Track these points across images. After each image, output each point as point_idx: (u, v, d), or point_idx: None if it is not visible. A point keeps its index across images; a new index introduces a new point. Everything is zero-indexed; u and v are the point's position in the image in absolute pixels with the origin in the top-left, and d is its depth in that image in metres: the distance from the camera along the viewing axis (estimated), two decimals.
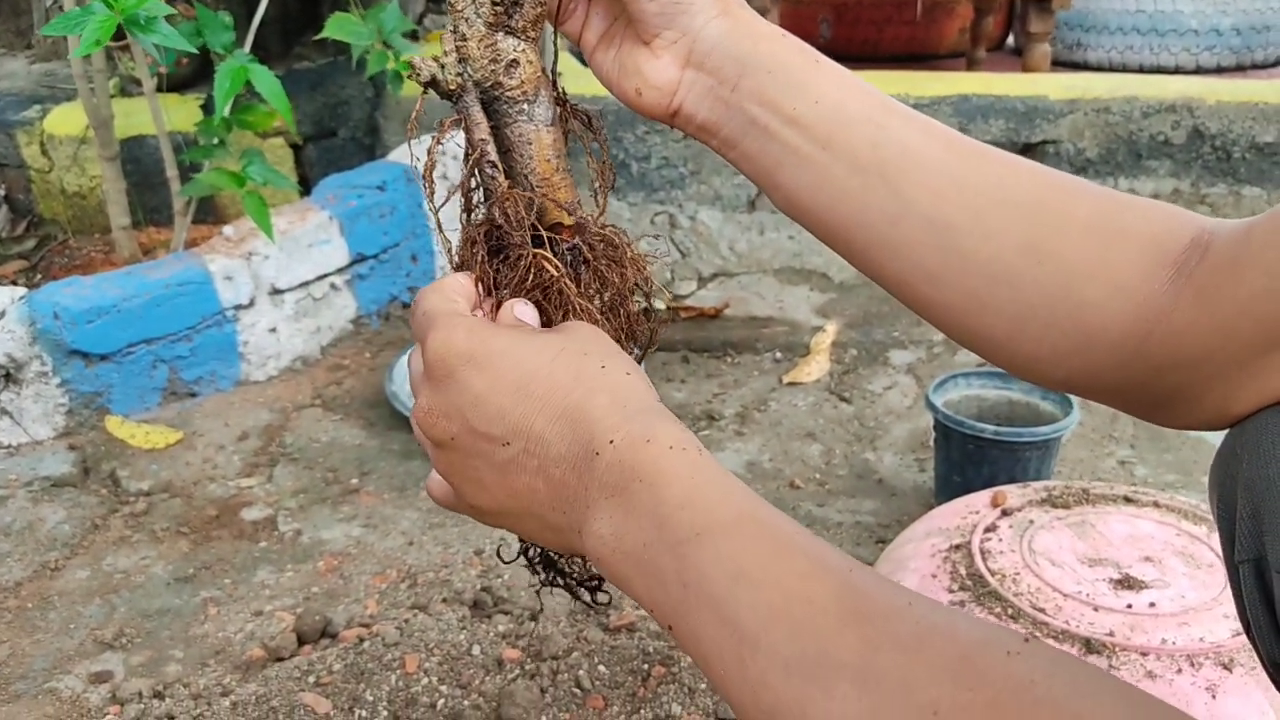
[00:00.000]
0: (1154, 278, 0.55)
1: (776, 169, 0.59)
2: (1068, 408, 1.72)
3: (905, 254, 0.58)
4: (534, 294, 0.61)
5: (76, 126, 2.67)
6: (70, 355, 1.93)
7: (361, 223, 2.30)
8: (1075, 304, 0.56)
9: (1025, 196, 0.57)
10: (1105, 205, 0.58)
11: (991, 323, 0.58)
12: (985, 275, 0.57)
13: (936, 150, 0.58)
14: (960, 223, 0.57)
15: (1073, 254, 0.56)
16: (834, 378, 2.23)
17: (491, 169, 0.61)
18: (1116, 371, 0.58)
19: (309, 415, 2.08)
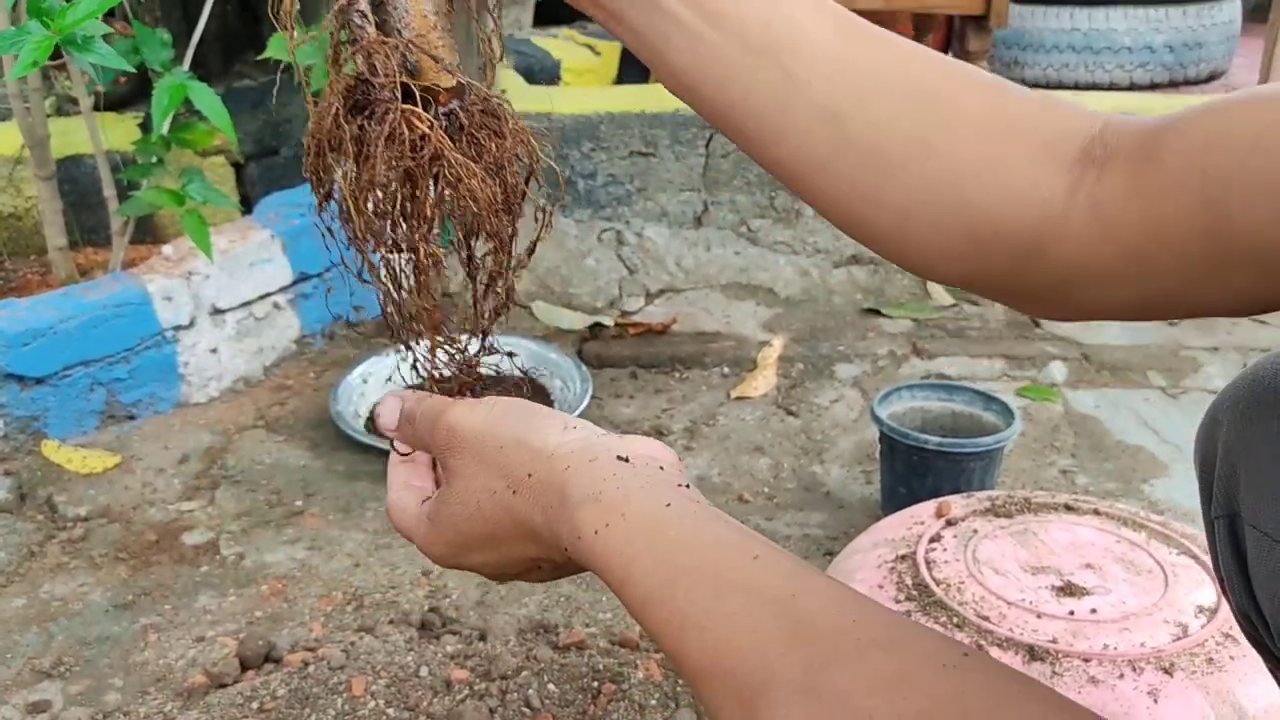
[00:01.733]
0: (1046, 184, 0.54)
1: (664, 45, 0.56)
2: (1009, 418, 1.74)
3: (793, 140, 0.56)
4: (401, 157, 0.57)
5: (11, 146, 2.62)
6: (5, 379, 1.89)
7: (304, 241, 2.28)
8: (963, 205, 0.55)
9: (916, 85, 0.55)
10: (998, 101, 0.56)
11: (879, 216, 0.57)
12: (872, 166, 0.55)
13: (828, 32, 0.55)
14: (848, 109, 0.55)
15: (960, 152, 0.55)
16: (781, 392, 2.24)
17: (360, 18, 0.57)
18: (1006, 275, 0.57)
19: (251, 437, 2.06)
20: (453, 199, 0.60)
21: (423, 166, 0.58)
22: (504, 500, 0.57)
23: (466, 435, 0.60)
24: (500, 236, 0.62)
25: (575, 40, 3.61)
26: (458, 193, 0.59)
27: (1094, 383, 2.28)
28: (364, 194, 0.59)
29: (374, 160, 0.57)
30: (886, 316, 2.56)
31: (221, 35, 2.77)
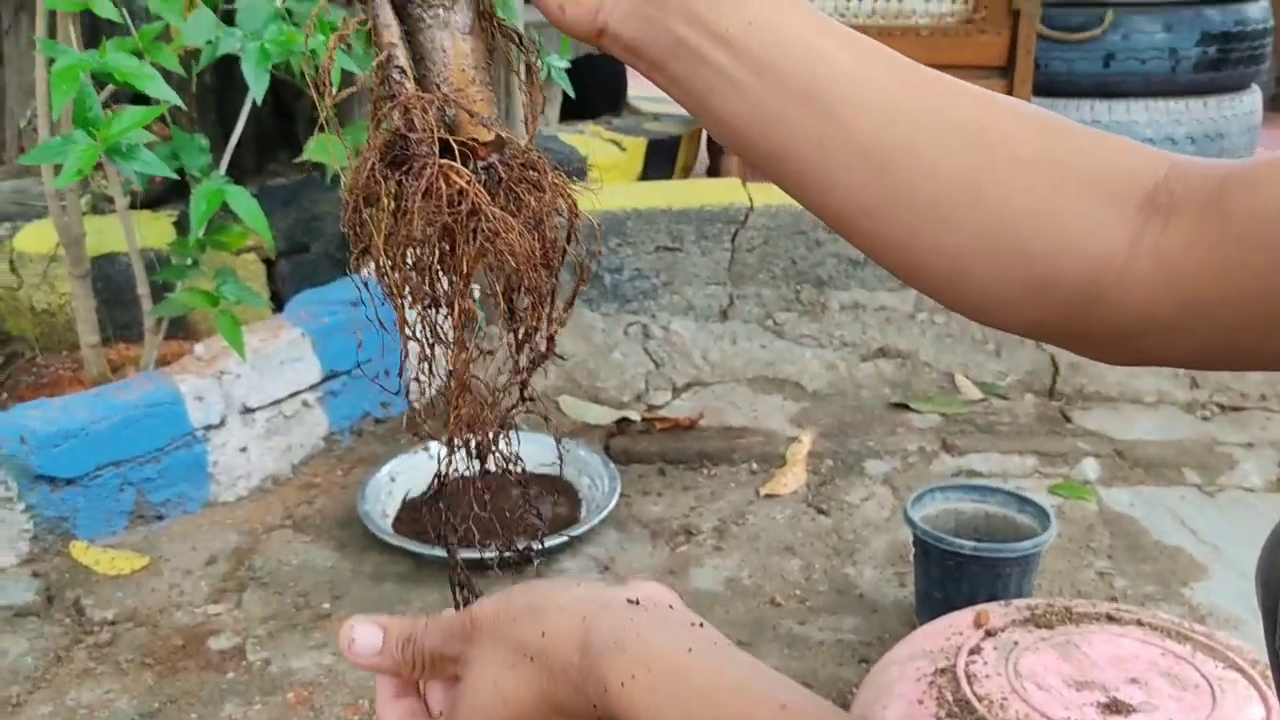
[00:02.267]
0: (1108, 232, 0.52)
1: (708, 94, 0.55)
2: (1045, 521, 1.71)
3: (843, 188, 0.54)
4: (439, 212, 0.56)
5: (47, 244, 2.66)
6: (36, 480, 1.90)
7: (335, 339, 2.29)
8: (1021, 254, 0.53)
9: (968, 128, 0.53)
10: (1057, 143, 0.54)
11: (935, 263, 0.55)
12: (925, 214, 0.53)
13: (876, 77, 0.54)
14: (898, 156, 0.53)
15: (1019, 199, 0.53)
16: (811, 489, 2.22)
17: (399, 74, 0.56)
18: (1062, 318, 0.55)
19: (279, 537, 2.05)
20: (491, 253, 0.59)
21: (460, 221, 0.57)
22: (523, 674, 0.55)
23: (483, 619, 0.58)
24: (539, 291, 0.61)
25: (601, 136, 3.66)
26: (495, 247, 0.58)
27: (1128, 480, 2.25)
28: (401, 249, 0.59)
29: (411, 215, 0.56)
30: (915, 411, 2.54)
31: (255, 134, 2.82)
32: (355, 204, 0.58)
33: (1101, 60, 3.81)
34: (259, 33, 1.65)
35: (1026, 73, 3.06)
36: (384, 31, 0.57)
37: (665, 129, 3.93)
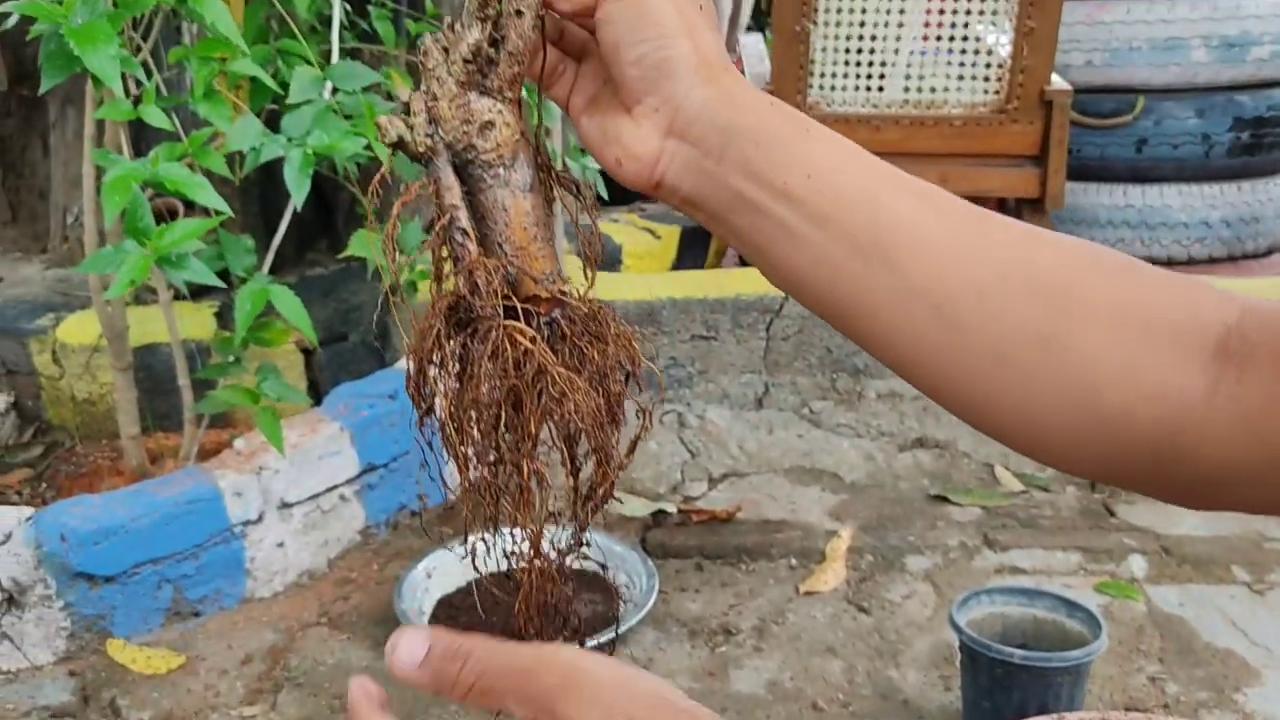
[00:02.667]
0: (1183, 383, 0.51)
1: (769, 246, 0.55)
2: (1096, 628, 1.68)
3: (908, 336, 0.54)
4: (506, 374, 0.56)
5: (89, 335, 2.70)
6: (75, 578, 1.90)
7: (373, 432, 2.30)
8: (1093, 405, 0.52)
9: (1037, 276, 0.52)
10: (1127, 289, 0.53)
11: (1003, 413, 0.54)
12: (993, 364, 0.53)
13: (937, 226, 0.53)
14: (964, 306, 0.52)
15: (1089, 349, 0.51)
16: (851, 586, 2.19)
17: (462, 236, 0.56)
18: (1141, 470, 0.53)
19: (315, 635, 2.03)
20: (557, 413, 0.59)
21: (526, 383, 0.57)
22: None
23: (597, 681, 0.52)
24: (605, 450, 0.61)
25: (635, 224, 3.69)
26: (562, 408, 0.58)
27: (1176, 578, 2.20)
28: (466, 413, 0.58)
29: (477, 379, 0.57)
30: (955, 504, 2.51)
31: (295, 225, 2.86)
32: (419, 366, 0.58)
33: (1134, 145, 3.82)
34: (303, 139, 1.68)
35: (1060, 162, 3.06)
36: (446, 193, 0.57)
37: None
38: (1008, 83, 3.11)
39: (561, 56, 0.62)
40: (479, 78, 0.57)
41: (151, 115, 1.63)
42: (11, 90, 3.32)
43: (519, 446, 0.59)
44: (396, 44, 2.42)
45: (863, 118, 3.20)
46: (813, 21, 3.12)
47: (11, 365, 2.81)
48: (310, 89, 1.77)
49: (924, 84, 3.19)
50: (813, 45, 3.16)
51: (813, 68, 3.19)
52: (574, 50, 0.62)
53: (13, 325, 2.80)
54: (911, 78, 3.19)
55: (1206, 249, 3.86)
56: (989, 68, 3.15)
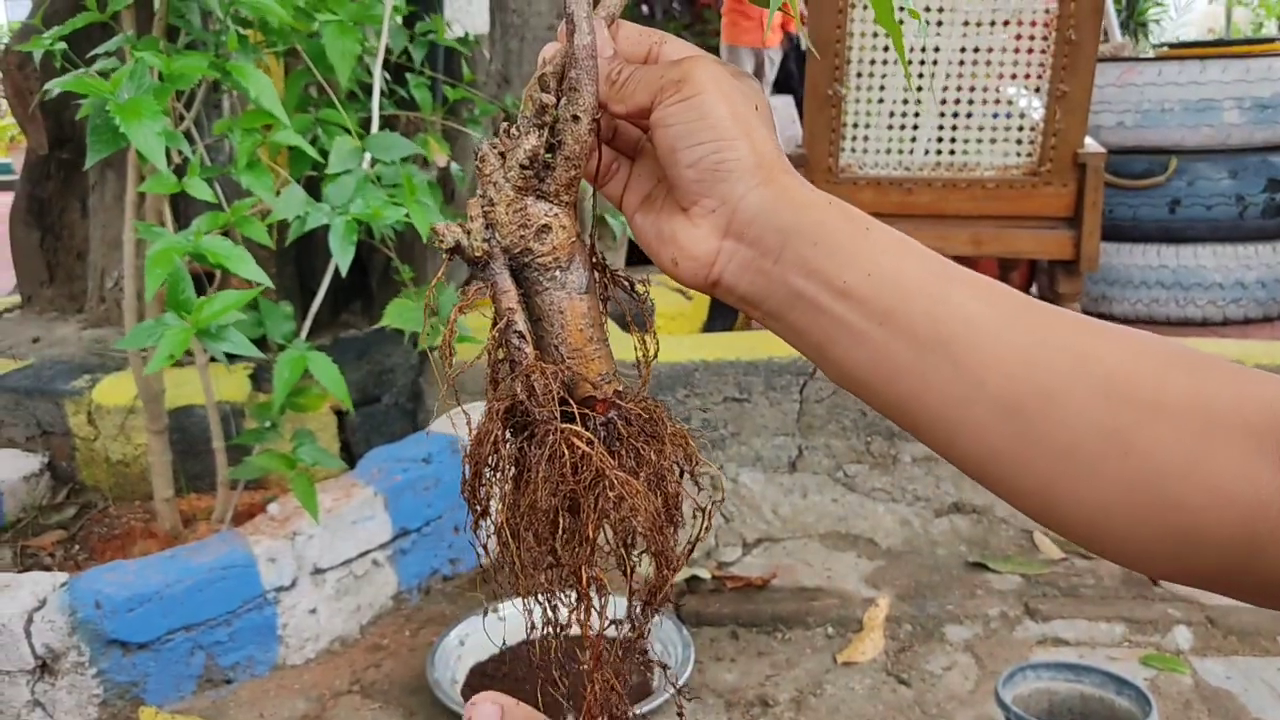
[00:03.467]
0: (1257, 480, 0.49)
1: (828, 344, 0.54)
2: (1145, 705, 1.64)
3: (973, 435, 0.53)
4: (564, 479, 0.55)
5: (125, 397, 2.71)
6: (109, 645, 1.89)
7: (406, 497, 2.29)
8: (1167, 505, 0.50)
9: (1106, 374, 0.51)
10: (1198, 386, 0.51)
11: (1073, 512, 0.52)
12: (1063, 463, 0.51)
13: (1004, 323, 0.52)
14: (1033, 406, 0.51)
15: (1161, 448, 0.50)
16: (890, 656, 2.15)
17: (519, 339, 0.56)
18: (1213, 569, 0.51)
19: (347, 703, 2.01)
20: (615, 517, 0.58)
21: (584, 487, 0.56)
22: None
23: None
24: (664, 553, 0.60)
25: (666, 285, 3.70)
26: (620, 511, 0.57)
27: (1222, 650, 2.15)
28: (523, 519, 0.57)
29: (534, 484, 0.56)
30: (994, 571, 2.47)
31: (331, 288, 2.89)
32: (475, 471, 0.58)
33: (1167, 206, 3.81)
34: (346, 207, 1.69)
35: (1094, 224, 3.05)
36: (502, 297, 0.57)
37: None
38: (1040, 145, 3.11)
39: (615, 155, 0.62)
40: (535, 182, 0.57)
41: (196, 188, 1.65)
42: (51, 153, 3.37)
43: (576, 552, 0.58)
44: (433, 110, 2.45)
45: (895, 180, 3.20)
46: (845, 85, 3.13)
47: (47, 426, 2.82)
48: (349, 159, 1.79)
49: (956, 147, 3.19)
50: (845, 108, 3.17)
51: (845, 131, 3.20)
52: (628, 148, 0.62)
53: (49, 386, 2.82)
54: (944, 141, 3.19)
55: (1242, 309, 3.83)
56: (1022, 130, 3.15)
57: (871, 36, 3.13)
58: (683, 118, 0.55)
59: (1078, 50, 3.00)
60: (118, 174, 3.17)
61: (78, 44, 2.07)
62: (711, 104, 0.54)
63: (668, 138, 0.56)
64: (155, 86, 1.53)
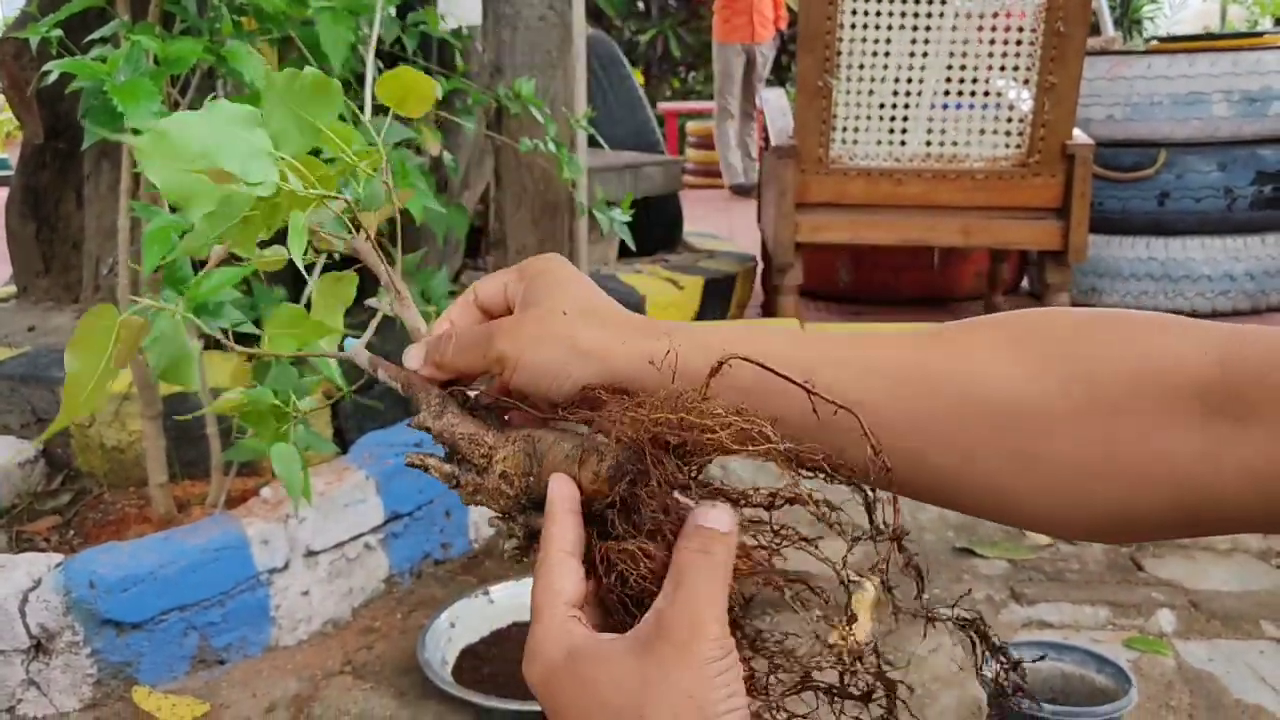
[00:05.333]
0: (1178, 452, 0.52)
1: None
2: (1125, 683, 1.66)
3: (907, 477, 0.60)
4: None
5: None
6: (103, 624, 1.91)
7: (397, 481, 2.31)
8: (1093, 500, 0.54)
9: (992, 410, 0.56)
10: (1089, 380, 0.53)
11: (1021, 515, 0.58)
12: (990, 493, 0.58)
13: (889, 391, 0.57)
14: (950, 462, 0.58)
15: (1068, 454, 0.54)
16: (878, 638, 2.17)
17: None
18: (1165, 534, 0.55)
19: (339, 684, 2.03)
20: None
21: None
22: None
23: (692, 656, 0.50)
24: None
25: (658, 274, 3.72)
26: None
27: (1205, 633, 2.18)
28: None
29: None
30: (981, 556, 2.50)
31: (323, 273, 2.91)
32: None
33: (1156, 199, 3.83)
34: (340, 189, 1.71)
35: (1083, 215, 3.08)
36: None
37: (721, 266, 3.98)
38: (1029, 137, 3.13)
39: None
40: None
41: None
42: (47, 143, 3.38)
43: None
44: None
45: (885, 171, 3.23)
46: (835, 77, 3.16)
47: (42, 413, 2.84)
48: None
49: (946, 138, 3.22)
50: (835, 100, 3.20)
51: (835, 122, 3.22)
52: None
53: (44, 373, 2.84)
54: (934, 132, 3.22)
55: (1230, 301, 3.86)
56: (1011, 122, 3.18)
57: (862, 29, 3.15)
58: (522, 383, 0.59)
59: (1066, 42, 3.03)
60: (113, 163, 3.18)
61: (74, 32, 2.09)
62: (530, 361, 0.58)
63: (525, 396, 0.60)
64: (151, 70, 1.55)
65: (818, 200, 3.26)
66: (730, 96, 7.73)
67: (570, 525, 0.55)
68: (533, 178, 2.61)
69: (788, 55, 9.28)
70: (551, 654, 0.52)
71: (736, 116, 7.82)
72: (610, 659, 0.51)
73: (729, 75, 7.70)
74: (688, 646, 0.49)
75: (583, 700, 0.51)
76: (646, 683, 0.49)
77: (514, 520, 0.58)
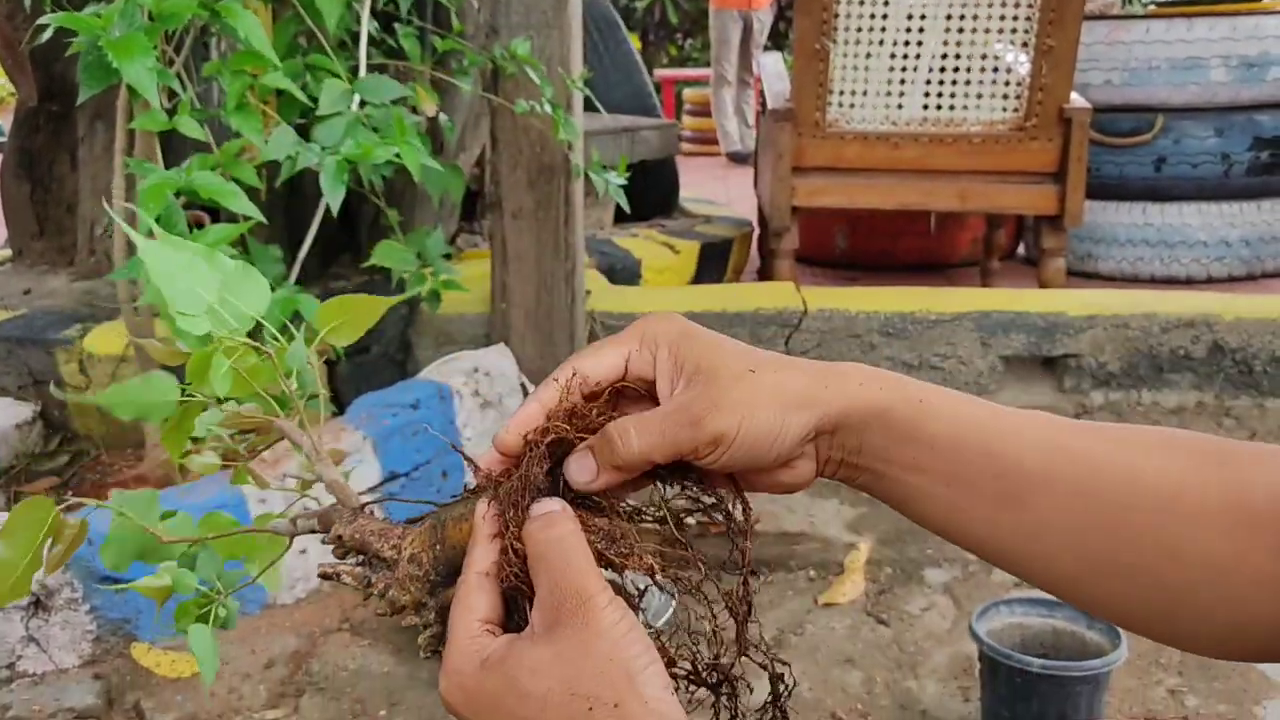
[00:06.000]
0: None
1: (908, 504, 0.60)
2: (1116, 638, 1.68)
3: (1044, 564, 0.58)
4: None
5: (116, 345, 2.73)
6: (102, 581, 1.92)
7: (394, 441, 2.32)
8: (1223, 599, 0.55)
9: (1156, 493, 0.57)
10: (1234, 488, 0.56)
11: (1142, 614, 0.58)
12: (1128, 578, 0.57)
13: (1059, 465, 0.57)
14: (1094, 535, 0.57)
15: (1211, 553, 0.55)
16: (870, 598, 2.20)
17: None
18: (1273, 653, 0.57)
19: (336, 640, 2.05)
20: None
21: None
22: (573, 708, 0.51)
23: (596, 624, 0.52)
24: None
25: (654, 239, 3.72)
26: None
27: None
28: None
29: None
30: None
31: (319, 238, 2.90)
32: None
33: (1153, 164, 3.83)
34: (336, 147, 1.71)
35: (1079, 179, 3.08)
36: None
37: (717, 232, 3.98)
38: (1027, 100, 3.13)
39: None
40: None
41: (186, 126, 1.66)
42: (41, 105, 3.37)
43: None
44: (422, 60, 2.46)
45: (882, 135, 3.22)
46: (833, 40, 3.14)
47: (39, 375, 2.84)
48: (339, 101, 1.80)
49: (943, 101, 3.21)
50: (832, 63, 3.19)
51: (832, 85, 3.22)
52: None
53: (40, 335, 2.84)
54: (931, 95, 3.21)
55: (1226, 268, 3.87)
56: (1008, 85, 3.17)
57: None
58: (737, 457, 0.57)
59: (1065, 5, 3.02)
60: (107, 125, 3.17)
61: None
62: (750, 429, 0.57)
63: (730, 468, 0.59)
64: (146, 25, 1.54)
65: (814, 164, 3.26)
66: (727, 63, 7.69)
67: (489, 550, 0.56)
68: (529, 140, 2.61)
69: (785, 22, 9.24)
70: (464, 667, 0.53)
71: (733, 83, 7.78)
72: (522, 653, 0.52)
73: (726, 42, 7.65)
74: (585, 617, 0.51)
75: (506, 700, 0.52)
76: (564, 661, 0.51)
77: (427, 608, 0.58)
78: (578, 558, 0.54)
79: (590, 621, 0.52)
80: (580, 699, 0.51)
